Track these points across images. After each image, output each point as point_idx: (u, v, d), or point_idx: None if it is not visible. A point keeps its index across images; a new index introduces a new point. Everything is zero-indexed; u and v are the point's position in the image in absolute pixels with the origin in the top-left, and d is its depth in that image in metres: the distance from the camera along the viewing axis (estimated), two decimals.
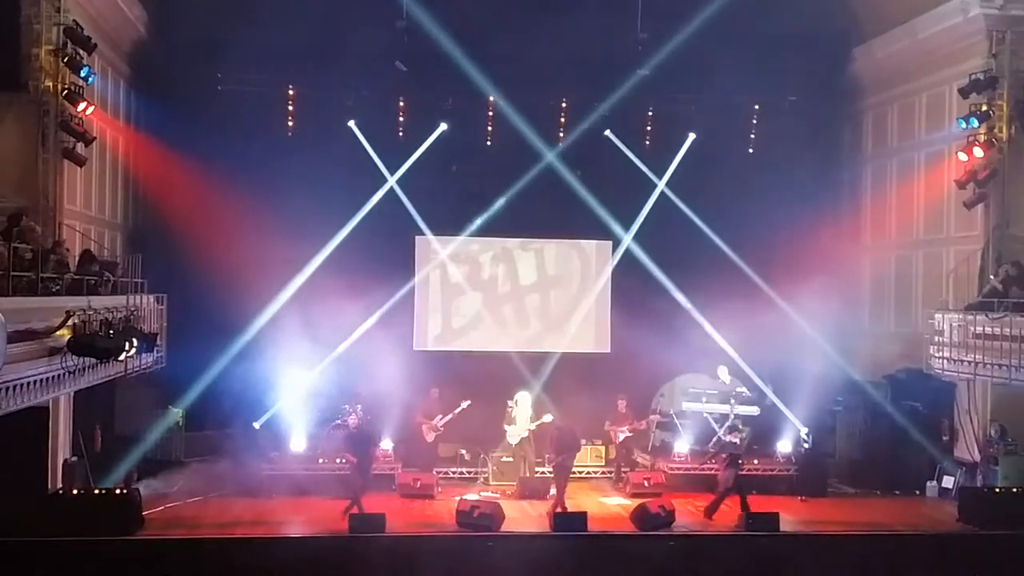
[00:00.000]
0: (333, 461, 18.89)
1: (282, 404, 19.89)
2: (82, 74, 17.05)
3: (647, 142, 23.02)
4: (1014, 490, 17.41)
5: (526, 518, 17.56)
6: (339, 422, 19.39)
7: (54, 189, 16.97)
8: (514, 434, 19.80)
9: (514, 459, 19.85)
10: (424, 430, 20.15)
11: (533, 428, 19.81)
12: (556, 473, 18.11)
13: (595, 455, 21.06)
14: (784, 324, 20.98)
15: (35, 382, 13.24)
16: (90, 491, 16.42)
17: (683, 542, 16.16)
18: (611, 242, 22.94)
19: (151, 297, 17.70)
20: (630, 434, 20.41)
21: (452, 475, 20.38)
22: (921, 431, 19.68)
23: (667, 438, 21.29)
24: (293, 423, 19.72)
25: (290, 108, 21.85)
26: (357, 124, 21.99)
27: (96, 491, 16.48)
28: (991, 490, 17.69)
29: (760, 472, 19.48)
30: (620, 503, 18.61)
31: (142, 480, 18.67)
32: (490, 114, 22.38)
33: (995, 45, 18.97)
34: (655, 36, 20.83)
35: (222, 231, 19.97)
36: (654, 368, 21.41)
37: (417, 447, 20.20)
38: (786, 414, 20.56)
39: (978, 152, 18.97)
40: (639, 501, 17.29)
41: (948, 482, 19.43)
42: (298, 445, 19.63)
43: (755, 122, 23.12)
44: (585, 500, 18.43)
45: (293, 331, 19.76)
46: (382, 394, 19.77)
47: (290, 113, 21.86)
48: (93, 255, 16.69)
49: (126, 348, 14.96)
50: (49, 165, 16.88)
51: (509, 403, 19.98)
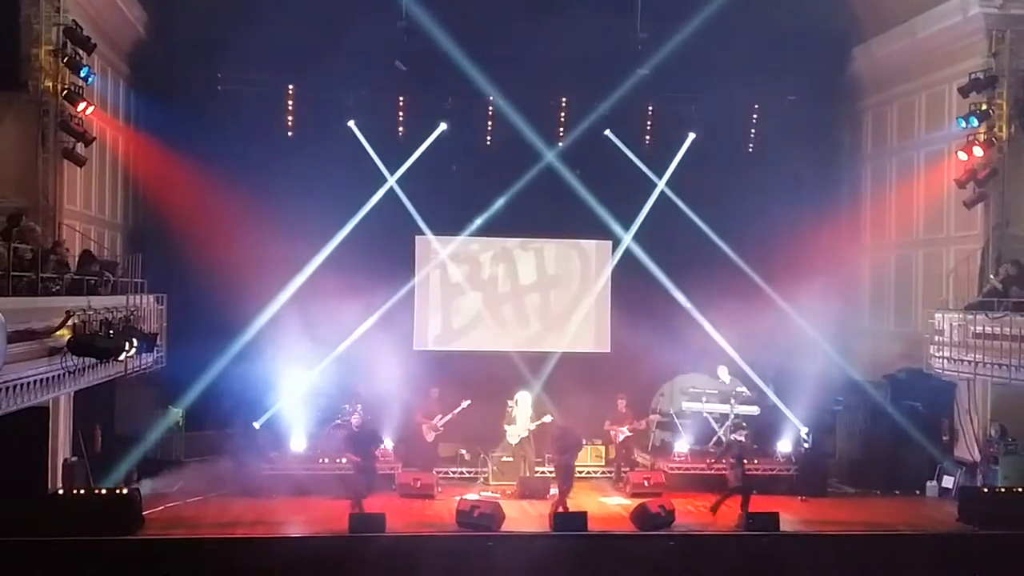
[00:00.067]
0: (335, 461, 18.89)
1: (282, 404, 19.92)
2: (82, 74, 17.03)
3: (647, 142, 23.01)
4: (1014, 490, 17.41)
5: (526, 518, 17.56)
6: (339, 422, 19.43)
7: (54, 189, 16.96)
8: (514, 434, 19.82)
9: (514, 459, 19.86)
10: (424, 430, 20.14)
11: (533, 428, 19.83)
12: (559, 473, 18.10)
13: (595, 455, 21.05)
14: (784, 324, 21.02)
15: (35, 382, 13.21)
16: (90, 491, 16.39)
17: (683, 542, 16.16)
18: (611, 242, 22.93)
19: (151, 297, 17.68)
20: (630, 434, 20.41)
21: (452, 475, 20.38)
22: (921, 431, 19.65)
23: (667, 438, 21.34)
24: (293, 423, 19.76)
25: (290, 108, 21.82)
26: (357, 124, 21.98)
27: (96, 491, 16.44)
28: (991, 490, 17.67)
29: (760, 472, 19.45)
30: (620, 503, 18.62)
31: (142, 480, 18.65)
32: (490, 114, 22.37)
33: (995, 44, 18.95)
34: (655, 36, 20.85)
35: (222, 231, 19.97)
36: (654, 368, 21.44)
37: (417, 447, 20.19)
38: (786, 414, 20.59)
39: (978, 151, 18.95)
40: (639, 501, 17.30)
41: (948, 482, 19.43)
42: (298, 445, 19.68)
43: (755, 121, 23.10)
44: (585, 500, 18.39)
45: (293, 331, 19.80)
46: (382, 394, 19.82)
47: (290, 113, 21.84)
48: (93, 255, 16.67)
49: (126, 348, 14.94)
50: (49, 165, 16.87)
51: (509, 403, 20.00)
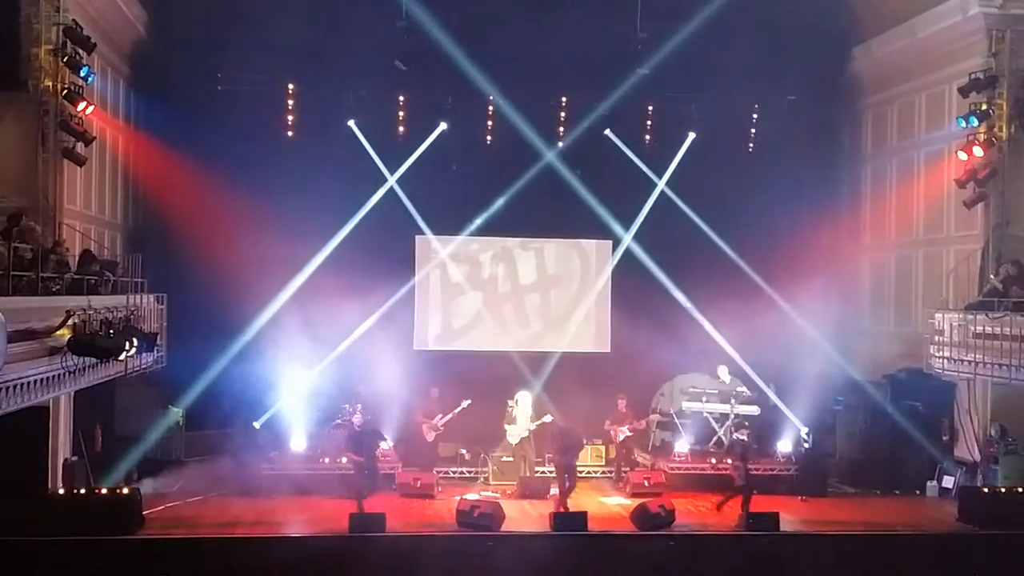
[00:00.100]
0: (336, 461, 18.88)
1: (282, 404, 19.92)
2: (82, 74, 17.01)
3: (647, 142, 22.99)
4: (1014, 490, 17.40)
5: (526, 518, 17.55)
6: (339, 421, 19.42)
7: (54, 189, 16.94)
8: (514, 434, 19.82)
9: (514, 459, 19.86)
10: (424, 430, 20.14)
11: (533, 428, 19.83)
12: (560, 473, 18.08)
13: (595, 455, 21.05)
14: (784, 324, 21.02)
15: (35, 382, 13.20)
16: (90, 491, 16.40)
17: (683, 542, 16.15)
18: (611, 242, 22.94)
19: (151, 297, 17.66)
20: (630, 434, 20.39)
21: (452, 475, 20.37)
22: (921, 431, 19.65)
23: (667, 438, 21.36)
24: (293, 423, 19.77)
25: (290, 108, 21.80)
26: (357, 124, 21.98)
27: (96, 491, 16.46)
28: (991, 490, 17.67)
29: (760, 472, 19.43)
30: (620, 503, 18.61)
31: (142, 480, 18.64)
32: (490, 114, 22.36)
33: (995, 44, 18.95)
34: (655, 36, 20.83)
35: (222, 231, 19.96)
36: (654, 368, 21.44)
37: (417, 447, 20.19)
38: (786, 414, 20.59)
39: (978, 151, 18.95)
40: (639, 501, 17.29)
41: (948, 482, 19.43)
42: (298, 445, 19.68)
43: (755, 121, 23.08)
44: (585, 500, 18.39)
45: (293, 331, 19.80)
46: (382, 394, 19.82)
47: (290, 112, 21.81)
48: (93, 255, 16.66)
49: (126, 348, 14.93)
50: (49, 165, 16.85)
51: (509, 403, 20.00)
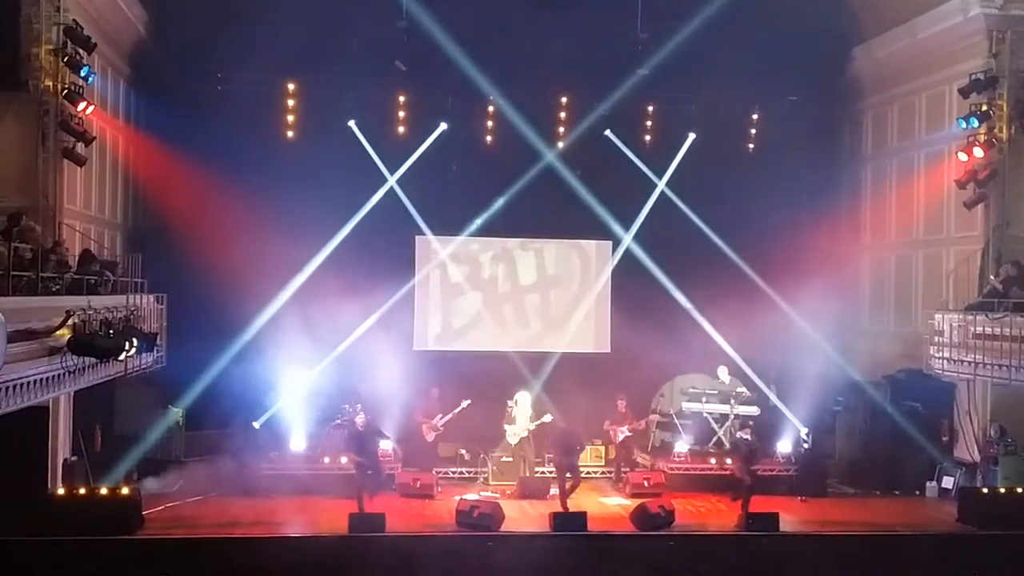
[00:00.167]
0: (337, 461, 18.88)
1: (282, 404, 19.91)
2: (82, 74, 17.01)
3: (647, 142, 22.99)
4: (1014, 491, 17.39)
5: (526, 518, 17.55)
6: (339, 421, 19.41)
7: (54, 189, 16.94)
8: (514, 434, 19.82)
9: (514, 459, 19.86)
10: (424, 430, 20.13)
11: (533, 428, 19.82)
12: (561, 473, 18.06)
13: (595, 455, 21.03)
14: (784, 324, 21.02)
15: (35, 382, 13.21)
16: (90, 491, 16.38)
17: (683, 542, 16.15)
18: (611, 242, 22.93)
19: (151, 297, 17.67)
20: (630, 434, 20.40)
21: (452, 475, 20.38)
22: (921, 431, 19.65)
23: (667, 438, 21.35)
24: (293, 423, 19.75)
25: (290, 108, 21.79)
26: (357, 124, 21.97)
27: (96, 491, 16.44)
28: (991, 491, 17.67)
29: (760, 472, 19.41)
30: (620, 503, 18.61)
31: (142, 480, 18.64)
32: (490, 114, 22.34)
33: (995, 45, 18.96)
34: (655, 36, 20.87)
35: (222, 231, 19.92)
36: (654, 368, 21.44)
37: (417, 447, 20.18)
38: (786, 414, 20.58)
39: (978, 152, 18.96)
40: (639, 501, 17.28)
41: (948, 482, 19.42)
42: (298, 445, 19.66)
43: (755, 122, 23.08)
44: (585, 500, 18.38)
45: (293, 331, 19.80)
46: (382, 394, 19.79)
47: (290, 112, 21.79)
48: (93, 255, 16.67)
49: (126, 348, 14.94)
50: (49, 165, 16.84)
51: (509, 403, 20.00)
